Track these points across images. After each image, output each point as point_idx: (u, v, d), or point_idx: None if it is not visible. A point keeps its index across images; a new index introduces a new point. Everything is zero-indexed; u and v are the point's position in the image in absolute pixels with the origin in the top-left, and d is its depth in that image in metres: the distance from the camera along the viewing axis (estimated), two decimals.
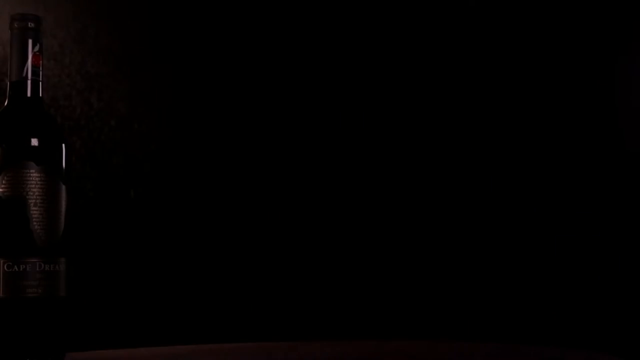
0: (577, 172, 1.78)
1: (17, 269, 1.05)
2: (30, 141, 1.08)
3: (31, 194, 1.06)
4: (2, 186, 1.06)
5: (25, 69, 1.10)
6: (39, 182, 1.06)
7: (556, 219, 1.77)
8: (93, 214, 1.70)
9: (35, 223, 1.06)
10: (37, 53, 1.10)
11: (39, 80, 1.11)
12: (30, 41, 1.10)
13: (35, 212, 1.06)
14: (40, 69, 1.11)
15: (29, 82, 1.10)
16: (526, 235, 1.77)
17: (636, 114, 1.78)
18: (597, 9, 1.79)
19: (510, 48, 1.79)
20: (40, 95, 1.11)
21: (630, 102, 1.78)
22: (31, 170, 1.06)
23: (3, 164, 1.06)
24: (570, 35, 1.79)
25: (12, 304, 1.05)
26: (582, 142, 1.78)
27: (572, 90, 1.79)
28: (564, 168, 1.78)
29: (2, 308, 1.05)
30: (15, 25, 1.10)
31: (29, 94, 1.10)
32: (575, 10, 1.79)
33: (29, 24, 1.10)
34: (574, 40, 1.79)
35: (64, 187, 1.09)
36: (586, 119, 1.78)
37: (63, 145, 1.11)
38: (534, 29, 1.79)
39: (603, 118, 1.78)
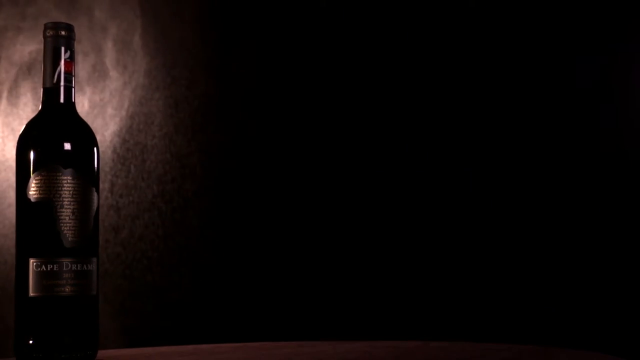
0: (577, 172, 1.74)
1: (44, 269, 1.08)
2: (60, 145, 1.11)
3: (58, 195, 1.09)
4: (32, 188, 1.10)
5: (58, 75, 1.13)
6: (66, 185, 1.10)
7: (556, 220, 1.73)
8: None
9: (62, 224, 1.09)
10: (69, 60, 1.14)
11: (72, 87, 1.15)
12: (62, 48, 1.14)
13: (62, 213, 1.09)
14: (73, 75, 1.15)
15: (61, 88, 1.14)
16: (525, 236, 1.74)
17: (635, 115, 1.73)
18: (597, 10, 1.74)
19: (510, 49, 1.76)
20: (73, 100, 1.15)
21: (628, 103, 1.73)
22: (59, 173, 1.10)
23: (35, 167, 1.10)
24: (569, 36, 1.75)
25: (42, 303, 1.09)
26: (582, 142, 1.74)
27: (571, 90, 1.75)
28: (564, 169, 1.74)
29: (32, 306, 1.09)
30: (48, 34, 1.14)
31: (61, 100, 1.14)
32: (574, 12, 1.75)
33: (61, 31, 1.14)
34: (573, 41, 1.75)
35: (93, 189, 1.12)
36: (585, 119, 1.74)
37: (94, 149, 1.14)
38: (533, 30, 1.76)
39: (602, 119, 1.74)
